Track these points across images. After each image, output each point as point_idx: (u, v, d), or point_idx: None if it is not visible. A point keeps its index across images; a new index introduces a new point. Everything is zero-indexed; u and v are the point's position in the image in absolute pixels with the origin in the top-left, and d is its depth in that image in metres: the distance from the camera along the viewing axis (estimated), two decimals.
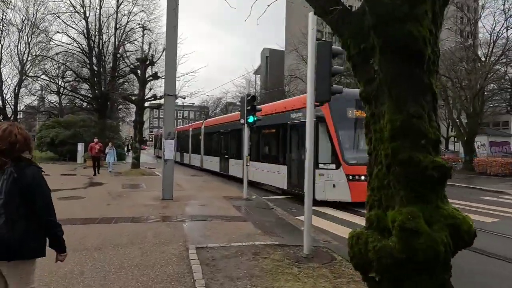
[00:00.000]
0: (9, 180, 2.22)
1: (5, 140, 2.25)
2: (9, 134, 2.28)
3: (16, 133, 2.30)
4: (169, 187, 10.02)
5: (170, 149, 10.05)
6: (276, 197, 12.14)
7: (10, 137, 2.27)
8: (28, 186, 2.25)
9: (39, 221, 2.31)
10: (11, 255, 2.22)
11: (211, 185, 14.32)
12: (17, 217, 2.23)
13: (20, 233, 2.22)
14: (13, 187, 2.22)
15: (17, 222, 2.22)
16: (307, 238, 5.27)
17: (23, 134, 2.35)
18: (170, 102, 10.13)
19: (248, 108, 10.50)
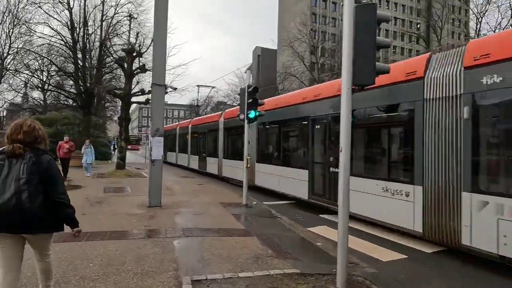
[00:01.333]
0: (29, 163, 2.73)
1: (30, 134, 2.84)
2: (33, 129, 2.88)
3: (38, 129, 2.93)
4: (157, 192, 8.59)
5: (159, 148, 8.62)
6: (278, 203, 10.80)
7: (34, 131, 2.87)
8: (45, 169, 2.78)
9: (53, 199, 2.78)
10: (35, 229, 2.73)
11: (205, 188, 12.90)
12: (36, 193, 2.70)
13: (39, 205, 2.69)
14: (32, 168, 2.73)
15: (37, 196, 2.71)
16: (342, 268, 3.94)
17: (42, 130, 2.98)
18: (159, 93, 8.71)
19: (249, 102, 9.13)
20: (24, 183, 2.66)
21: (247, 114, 9.19)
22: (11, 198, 2.61)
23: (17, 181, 2.66)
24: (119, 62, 16.46)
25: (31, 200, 2.66)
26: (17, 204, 2.62)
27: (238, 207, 9.14)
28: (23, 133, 2.81)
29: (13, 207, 2.60)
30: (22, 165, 2.71)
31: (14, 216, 2.62)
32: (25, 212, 2.63)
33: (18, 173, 2.69)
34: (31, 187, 2.68)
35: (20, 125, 2.85)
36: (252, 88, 9.12)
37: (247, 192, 9.55)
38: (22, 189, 2.64)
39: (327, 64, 48.30)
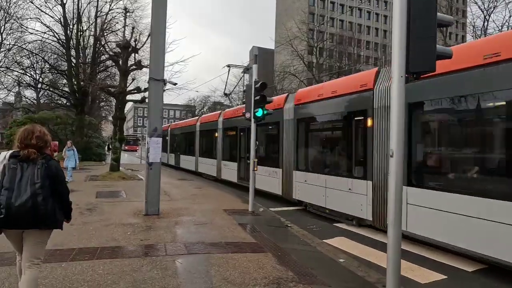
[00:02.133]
0: (42, 169, 2.96)
1: (41, 139, 3.06)
2: (44, 134, 3.11)
3: (47, 134, 3.17)
4: (155, 199, 7.73)
5: (157, 149, 7.75)
6: (286, 209, 9.98)
7: (45, 136, 3.11)
8: (55, 174, 3.04)
9: (61, 200, 3.12)
10: (44, 225, 2.99)
11: (206, 192, 12.03)
12: (49, 196, 2.97)
13: (51, 207, 2.99)
14: (45, 173, 2.97)
15: (49, 199, 2.98)
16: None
17: (49, 135, 3.23)
18: (157, 89, 7.85)
19: (256, 99, 8.31)
20: (39, 187, 2.91)
21: (254, 113, 8.36)
22: (28, 200, 2.85)
23: (32, 185, 2.90)
24: (114, 58, 15.53)
25: (45, 203, 2.93)
26: (33, 206, 2.87)
27: (244, 214, 8.29)
28: (36, 138, 3.02)
29: (30, 208, 2.86)
30: (36, 170, 2.95)
31: (28, 216, 2.87)
32: (40, 213, 2.90)
33: (33, 177, 2.92)
34: (45, 191, 2.94)
35: (32, 131, 3.06)
36: (259, 84, 8.28)
37: (253, 198, 8.69)
38: (38, 192, 2.89)
39: (325, 64, 47.61)
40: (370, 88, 7.32)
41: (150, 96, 7.89)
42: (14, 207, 2.82)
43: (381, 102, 6.99)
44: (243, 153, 13.12)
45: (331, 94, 8.51)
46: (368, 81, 7.44)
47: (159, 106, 7.90)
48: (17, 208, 2.83)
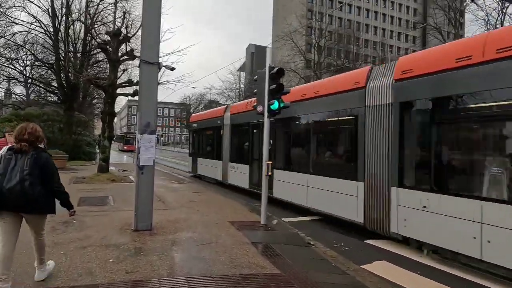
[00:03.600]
0: (32, 159, 3.41)
1: (33, 134, 3.53)
2: (35, 131, 3.58)
3: (39, 131, 3.63)
4: (147, 211, 6.24)
5: (150, 149, 6.26)
6: (299, 219, 8.56)
7: (36, 133, 3.57)
8: (43, 164, 3.48)
9: (50, 188, 3.53)
10: (35, 209, 3.46)
11: (206, 198, 10.54)
12: (36, 182, 3.37)
13: (38, 193, 3.37)
14: (34, 162, 3.40)
15: (37, 185, 3.37)
16: None
17: (41, 131, 3.70)
18: (150, 75, 6.34)
19: (272, 88, 6.85)
20: (26, 174, 3.34)
21: (268, 105, 6.90)
22: (16, 185, 3.29)
23: (21, 172, 3.35)
24: (102, 46, 13.95)
25: (32, 188, 3.34)
26: (21, 189, 3.29)
27: (256, 229, 6.84)
28: (28, 134, 3.49)
29: (18, 191, 3.28)
30: (26, 160, 3.41)
31: (18, 199, 3.30)
32: (27, 196, 3.31)
33: (23, 165, 3.38)
34: (32, 178, 3.36)
35: (25, 128, 3.55)
36: (276, 70, 6.82)
37: (266, 209, 7.23)
38: (25, 178, 3.32)
39: (324, 63, 46.28)
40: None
41: (141, 84, 6.39)
42: (5, 190, 3.26)
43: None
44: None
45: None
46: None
47: (152, 96, 6.40)
48: (8, 190, 3.25)
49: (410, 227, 5.90)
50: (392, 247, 6.31)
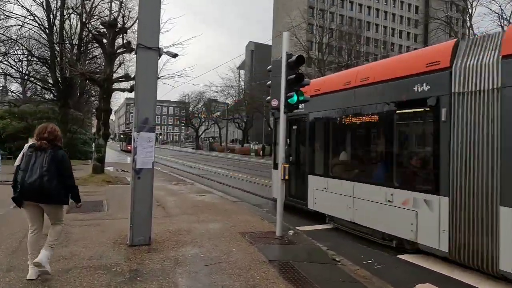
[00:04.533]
0: (50, 156, 3.79)
1: (52, 134, 3.93)
2: (54, 130, 4.00)
3: (57, 130, 4.06)
4: (145, 222, 5.30)
5: (148, 149, 5.31)
6: (315, 227, 7.63)
7: (55, 132, 3.98)
8: (60, 161, 3.85)
9: (64, 182, 3.89)
10: (50, 201, 3.86)
11: (211, 202, 9.59)
12: (53, 178, 3.76)
13: (54, 187, 3.76)
14: (51, 160, 3.78)
15: (53, 180, 3.75)
16: None
17: (59, 131, 4.11)
18: (149, 62, 5.39)
19: (290, 79, 5.90)
20: (45, 170, 3.73)
21: (286, 99, 5.96)
22: (36, 180, 3.69)
23: (41, 168, 3.73)
24: (98, 37, 12.97)
25: (49, 183, 3.73)
26: (40, 184, 3.69)
27: (271, 242, 5.90)
28: (48, 133, 3.90)
29: (37, 186, 3.69)
30: (45, 157, 3.79)
31: (37, 192, 3.71)
32: (45, 190, 3.71)
33: (42, 162, 3.76)
34: (50, 173, 3.74)
35: (45, 127, 3.97)
36: (295, 57, 5.88)
37: (282, 219, 6.28)
38: (44, 174, 3.71)
39: (326, 60, 45.30)
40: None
41: (138, 74, 5.43)
42: (26, 184, 3.71)
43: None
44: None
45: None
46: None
47: (151, 88, 5.44)
48: (29, 185, 3.70)
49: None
50: (433, 264, 5.39)
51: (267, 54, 75.83)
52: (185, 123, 77.70)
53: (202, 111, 71.07)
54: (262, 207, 9.66)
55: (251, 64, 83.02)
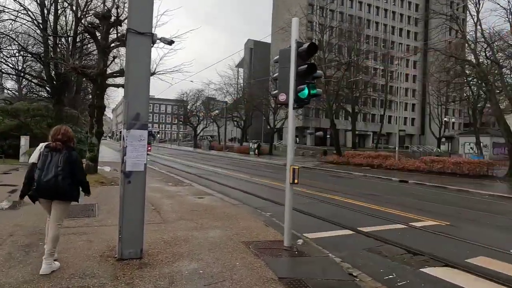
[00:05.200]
0: (64, 157, 4.07)
1: (65, 135, 4.21)
2: (67, 132, 4.28)
3: (70, 132, 4.35)
4: (135, 233, 4.62)
5: (139, 150, 4.64)
6: (325, 234, 6.99)
7: (68, 133, 4.26)
8: (73, 161, 4.14)
9: (76, 180, 4.18)
10: (63, 198, 4.12)
11: (210, 205, 8.92)
12: (67, 176, 4.04)
13: (68, 185, 4.05)
14: (65, 160, 4.06)
15: (67, 178, 4.04)
16: None
17: (72, 132, 4.40)
18: (141, 50, 4.71)
19: (301, 70, 5.24)
20: (60, 170, 4.01)
21: (296, 93, 5.29)
22: (52, 178, 3.96)
23: (56, 168, 4.00)
24: (90, 30, 12.26)
25: (63, 181, 4.01)
26: (55, 182, 3.97)
27: (279, 254, 5.23)
28: (61, 134, 4.18)
29: (52, 184, 3.96)
30: (60, 157, 4.06)
31: (52, 189, 3.98)
32: (59, 188, 4.00)
33: (57, 162, 4.02)
34: (64, 173, 4.02)
35: (59, 129, 4.26)
36: (307, 45, 5.21)
37: (290, 228, 5.62)
38: (59, 173, 3.98)
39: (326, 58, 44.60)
40: None
41: (128, 63, 4.74)
42: (42, 182, 3.95)
43: None
44: None
45: None
46: None
47: (143, 79, 4.76)
48: (45, 183, 3.95)
49: None
50: (460, 279, 4.75)
51: (266, 52, 75.16)
52: (183, 121, 76.89)
53: (200, 110, 70.34)
54: (264, 210, 9.00)
55: (250, 62, 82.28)
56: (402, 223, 8.15)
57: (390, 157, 25.80)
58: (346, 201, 11.12)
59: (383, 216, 8.93)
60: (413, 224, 8.08)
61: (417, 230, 7.61)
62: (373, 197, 12.27)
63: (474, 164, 20.03)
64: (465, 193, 14.50)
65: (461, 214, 9.66)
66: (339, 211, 9.53)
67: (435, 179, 18.68)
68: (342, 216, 8.76)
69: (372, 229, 7.44)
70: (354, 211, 9.56)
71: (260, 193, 12.14)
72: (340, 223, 7.94)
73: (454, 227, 7.95)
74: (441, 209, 10.37)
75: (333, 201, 11.00)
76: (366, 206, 10.32)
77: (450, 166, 21.04)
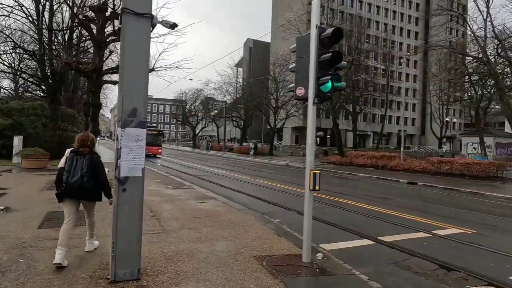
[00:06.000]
0: (88, 160, 4.48)
1: (92, 142, 4.69)
2: (93, 138, 4.73)
3: (93, 138, 4.79)
4: (131, 250, 3.91)
5: (136, 152, 3.92)
6: (344, 244, 6.29)
7: (93, 140, 4.74)
8: (95, 163, 4.53)
9: (99, 181, 4.52)
10: (88, 197, 4.60)
11: (214, 210, 8.20)
12: (91, 177, 4.45)
13: (92, 185, 4.46)
14: (89, 163, 4.47)
15: (91, 180, 4.45)
16: None
17: (94, 138, 4.84)
18: (138, 32, 4.00)
19: (324, 58, 4.53)
20: (85, 172, 4.41)
21: (317, 86, 4.58)
22: (78, 179, 4.37)
23: (81, 170, 4.41)
24: (85, 23, 11.54)
25: (88, 182, 4.41)
26: (81, 183, 4.37)
27: (298, 272, 4.52)
28: (90, 141, 4.62)
29: (78, 184, 4.36)
30: (84, 160, 4.45)
31: (78, 189, 4.40)
32: (84, 188, 4.41)
33: (82, 165, 4.43)
34: (88, 174, 4.42)
35: (87, 137, 4.63)
36: (331, 30, 4.51)
37: (310, 241, 4.92)
38: (84, 175, 4.38)
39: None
40: None
41: (124, 49, 4.02)
42: (70, 183, 4.37)
43: None
44: None
45: None
46: None
47: (141, 68, 4.05)
48: (72, 183, 4.36)
49: None
50: None
51: (265, 51, 74.46)
52: (182, 121, 76.07)
53: (199, 110, 69.54)
54: (272, 216, 8.31)
55: (249, 61, 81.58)
56: (423, 231, 7.47)
57: (395, 158, 25.13)
58: (356, 205, 10.44)
59: (400, 222, 8.25)
60: (436, 233, 7.39)
61: (442, 240, 6.91)
62: (384, 201, 11.59)
63: (484, 165, 19.38)
64: (480, 196, 13.83)
65: (484, 220, 8.97)
66: (351, 217, 8.84)
67: (444, 181, 18.02)
68: (357, 223, 8.07)
69: (394, 239, 6.75)
70: (368, 216, 8.87)
71: (265, 197, 11.44)
72: (356, 231, 7.26)
73: (481, 236, 7.27)
74: (461, 215, 9.69)
75: (343, 205, 10.31)
76: (379, 210, 9.64)
77: (458, 167, 20.39)
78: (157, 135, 36.65)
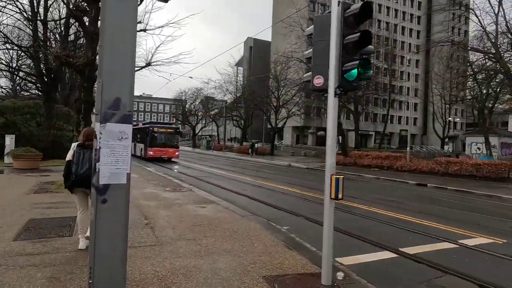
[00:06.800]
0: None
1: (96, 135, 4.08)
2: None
3: None
4: (114, 276, 3.12)
5: (119, 153, 3.14)
6: (362, 258, 5.52)
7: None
8: None
9: None
10: None
11: (216, 217, 7.40)
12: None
13: None
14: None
15: None
16: None
17: None
18: (122, 8, 3.22)
19: (350, 40, 3.76)
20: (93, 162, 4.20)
21: (341, 74, 3.81)
22: (86, 171, 4.66)
23: (89, 161, 4.64)
24: (77, 15, 10.75)
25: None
26: (88, 174, 4.42)
27: None
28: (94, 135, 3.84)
29: (86, 175, 4.53)
30: (91, 153, 4.13)
31: (86, 180, 4.41)
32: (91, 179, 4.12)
33: (90, 157, 4.62)
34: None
35: (92, 131, 4.47)
36: (358, 7, 3.73)
37: (331, 259, 4.14)
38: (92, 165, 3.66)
39: None
40: None
41: (105, 24, 3.24)
42: (78, 174, 4.73)
43: None
44: None
45: None
46: None
47: (126, 48, 3.26)
48: (80, 174, 4.72)
49: None
50: None
51: (266, 50, 73.67)
52: (181, 121, 75.24)
53: (199, 109, 68.74)
54: (279, 223, 7.54)
55: (250, 60, 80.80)
56: (448, 240, 6.70)
57: (401, 158, 24.37)
58: (369, 209, 9.67)
59: (420, 230, 7.48)
60: (463, 242, 6.62)
61: (473, 252, 6.14)
62: (397, 204, 10.82)
63: (495, 166, 18.61)
64: (497, 199, 13.07)
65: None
66: (366, 224, 8.07)
67: (455, 182, 17.25)
68: (373, 231, 7.30)
69: (418, 251, 5.98)
70: (384, 223, 8.11)
71: (269, 200, 10.67)
72: (374, 240, 6.48)
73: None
74: (485, 221, 8.92)
75: (354, 210, 9.54)
76: (394, 216, 8.88)
77: (468, 168, 19.62)
78: (173, 134, 29.47)
